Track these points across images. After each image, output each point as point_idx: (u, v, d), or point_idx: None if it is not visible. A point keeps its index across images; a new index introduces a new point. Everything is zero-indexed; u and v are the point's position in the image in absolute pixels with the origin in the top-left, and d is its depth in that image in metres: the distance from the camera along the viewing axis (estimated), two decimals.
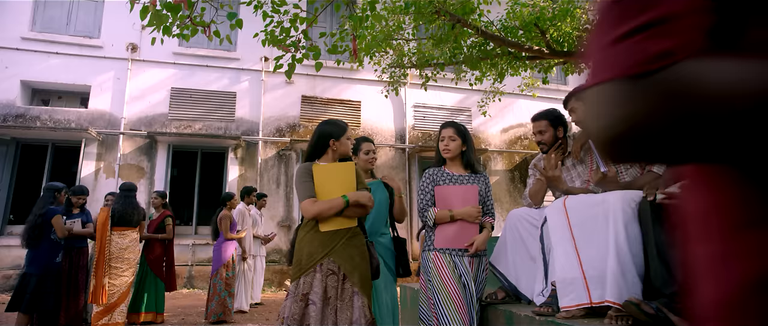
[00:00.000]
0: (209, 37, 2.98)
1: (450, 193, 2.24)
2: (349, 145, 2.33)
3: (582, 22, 6.44)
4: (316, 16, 3.46)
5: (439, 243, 2.19)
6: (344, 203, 2.07)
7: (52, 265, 4.03)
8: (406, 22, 6.15)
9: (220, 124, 8.74)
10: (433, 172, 2.31)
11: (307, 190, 2.11)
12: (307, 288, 2.03)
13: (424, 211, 2.24)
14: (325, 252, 2.07)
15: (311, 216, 2.08)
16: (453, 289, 2.07)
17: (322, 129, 2.29)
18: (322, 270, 2.05)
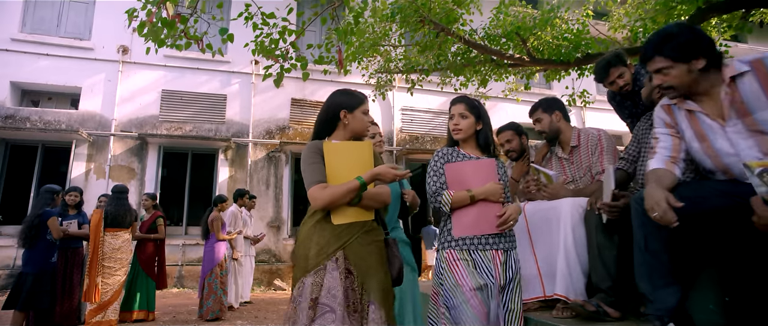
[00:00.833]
0: (202, 49, 3.15)
1: (464, 170, 1.87)
2: (366, 123, 1.87)
3: (561, 31, 6.71)
4: (304, 28, 3.66)
5: (458, 231, 1.79)
6: (360, 185, 1.64)
7: (48, 265, 4.17)
8: (393, 29, 6.37)
9: (210, 125, 8.86)
10: (445, 151, 1.94)
11: (316, 173, 1.69)
12: (316, 291, 1.59)
13: (437, 195, 1.85)
14: (339, 244, 1.65)
15: (321, 205, 1.65)
16: (470, 293, 1.68)
17: (332, 99, 1.85)
18: (339, 268, 1.63)
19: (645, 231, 1.50)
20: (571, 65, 6.38)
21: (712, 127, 1.50)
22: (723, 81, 1.47)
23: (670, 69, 1.49)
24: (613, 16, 7.82)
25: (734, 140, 1.45)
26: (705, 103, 1.52)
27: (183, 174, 8.84)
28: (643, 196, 1.46)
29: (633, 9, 7.63)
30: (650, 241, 1.48)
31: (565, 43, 6.57)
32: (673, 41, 1.48)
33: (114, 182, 8.07)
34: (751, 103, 1.42)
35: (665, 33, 1.52)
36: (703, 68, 1.46)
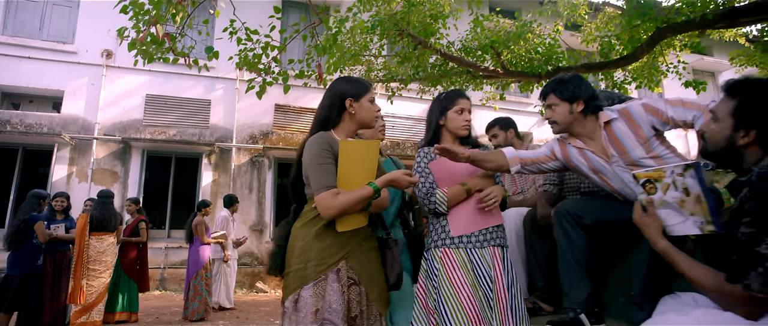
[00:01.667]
0: (188, 65, 3.35)
1: (450, 165, 1.80)
2: (373, 112, 1.70)
3: (534, 45, 7.07)
4: (285, 45, 3.89)
5: (457, 231, 1.72)
6: (373, 192, 1.51)
7: (34, 268, 4.29)
8: (373, 40, 6.64)
9: (194, 130, 8.98)
10: (427, 151, 1.87)
11: (327, 176, 1.52)
12: (318, 303, 1.47)
13: (430, 196, 1.76)
14: (343, 253, 1.54)
15: (333, 214, 1.50)
16: (466, 297, 1.61)
17: (336, 87, 1.70)
18: (341, 279, 1.51)
19: (564, 236, 1.79)
20: (542, 77, 6.73)
21: (599, 162, 1.82)
22: (600, 126, 1.81)
23: (557, 106, 1.84)
24: (585, 30, 8.23)
25: (619, 173, 1.78)
26: (590, 143, 1.85)
27: (166, 177, 8.93)
28: (565, 207, 1.75)
29: (603, 24, 8.06)
30: (568, 245, 1.78)
31: (537, 57, 6.93)
32: (564, 85, 1.83)
33: (96, 185, 8.14)
34: (624, 142, 1.76)
35: (560, 78, 1.87)
36: (582, 111, 1.81)
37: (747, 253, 1.01)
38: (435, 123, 1.89)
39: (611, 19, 7.67)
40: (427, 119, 1.95)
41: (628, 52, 6.24)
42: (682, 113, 1.69)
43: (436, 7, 6.29)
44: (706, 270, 1.14)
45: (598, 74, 7.43)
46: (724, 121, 1.21)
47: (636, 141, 1.74)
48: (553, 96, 1.85)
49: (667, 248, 1.24)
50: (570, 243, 1.77)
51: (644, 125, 1.75)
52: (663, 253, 1.25)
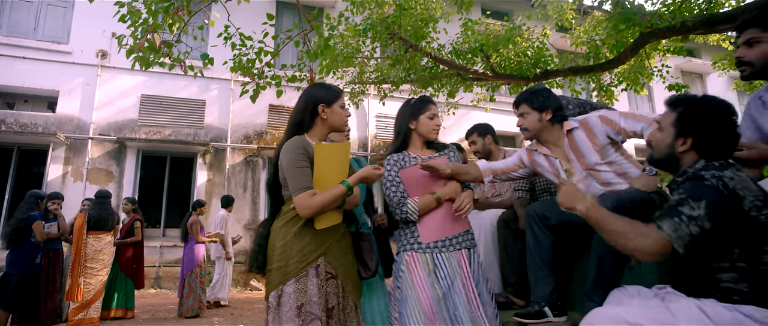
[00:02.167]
0: (184, 71, 3.48)
1: (418, 175, 1.84)
2: (344, 117, 1.82)
3: (523, 48, 7.24)
4: (278, 50, 4.01)
5: (427, 237, 1.78)
6: (346, 190, 1.62)
7: (32, 266, 4.40)
8: (365, 43, 6.77)
9: (189, 130, 9.07)
10: (396, 158, 1.89)
11: (304, 178, 1.62)
12: (301, 298, 1.57)
13: (402, 206, 1.79)
14: (321, 250, 1.65)
15: (311, 213, 1.60)
16: (425, 296, 1.68)
17: (309, 92, 1.80)
18: (319, 274, 1.62)
19: (532, 237, 1.96)
20: (531, 80, 6.90)
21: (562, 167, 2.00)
22: (564, 134, 2.00)
23: (529, 115, 2.03)
24: (575, 33, 8.41)
25: (583, 178, 1.95)
26: (554, 150, 2.04)
27: (161, 177, 9.01)
28: (534, 208, 1.92)
29: (591, 27, 8.24)
30: (534, 244, 1.94)
31: (526, 60, 7.09)
32: (535, 96, 2.03)
33: (91, 185, 8.22)
34: (582, 149, 1.96)
35: (532, 90, 2.07)
36: (550, 120, 2.01)
37: (671, 209, 1.22)
38: (405, 128, 1.93)
39: (599, 23, 7.85)
40: (397, 125, 1.98)
41: (614, 56, 6.42)
42: (633, 124, 1.88)
43: (427, 11, 6.43)
44: (626, 221, 1.28)
45: (585, 77, 7.60)
46: (667, 130, 1.39)
47: (592, 148, 1.94)
48: (525, 105, 2.04)
49: (590, 207, 1.35)
50: (537, 243, 1.94)
51: (600, 134, 1.94)
52: (586, 215, 1.35)
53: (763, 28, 1.55)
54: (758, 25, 1.56)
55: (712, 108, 1.35)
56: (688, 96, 1.41)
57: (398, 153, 1.92)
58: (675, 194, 1.29)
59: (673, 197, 1.29)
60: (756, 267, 1.17)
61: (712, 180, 1.21)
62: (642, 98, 13.56)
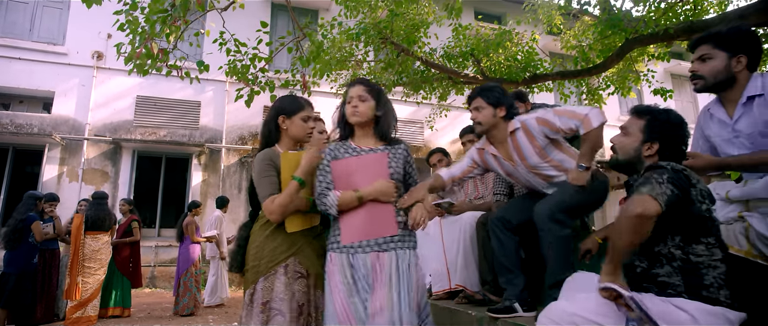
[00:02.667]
0: (181, 76, 3.59)
1: (352, 166, 1.72)
2: (305, 129, 1.86)
3: (513, 53, 7.40)
4: (272, 56, 4.14)
5: (347, 238, 1.67)
6: (298, 184, 1.68)
7: (30, 266, 4.51)
8: (359, 47, 6.90)
9: (184, 131, 9.16)
10: (333, 147, 1.80)
11: (269, 187, 1.72)
12: (267, 295, 1.67)
13: (323, 197, 1.70)
14: (291, 251, 1.74)
15: (277, 218, 1.71)
16: (339, 298, 1.60)
17: (275, 105, 1.88)
18: (288, 273, 1.71)
19: (497, 241, 2.12)
20: (520, 84, 7.06)
21: (509, 167, 2.14)
22: (507, 134, 2.10)
23: (483, 109, 2.10)
24: (564, 37, 8.59)
25: (525, 175, 2.12)
26: (501, 149, 2.15)
27: (157, 177, 9.10)
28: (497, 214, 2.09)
29: (580, 32, 8.42)
30: (499, 248, 2.10)
31: (516, 64, 7.26)
32: (491, 91, 2.11)
33: (87, 185, 8.30)
34: (524, 151, 2.08)
35: (487, 86, 2.15)
36: (503, 117, 2.10)
37: (642, 182, 1.34)
38: (340, 114, 1.82)
39: (588, 28, 8.03)
40: (337, 118, 1.85)
41: (601, 61, 6.60)
42: (567, 122, 1.99)
43: (419, 16, 6.58)
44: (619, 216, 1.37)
45: (574, 81, 7.77)
46: (634, 135, 1.53)
47: (532, 150, 2.05)
48: (481, 99, 2.10)
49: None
50: (502, 247, 2.09)
51: (538, 136, 2.05)
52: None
53: (714, 45, 1.69)
54: (710, 42, 1.71)
55: (674, 119, 1.51)
56: (652, 107, 1.56)
57: (340, 141, 1.82)
58: (637, 184, 1.40)
59: (635, 185, 1.40)
60: (689, 260, 1.32)
61: (669, 166, 1.37)
62: (633, 101, 13.79)
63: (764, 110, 1.56)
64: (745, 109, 1.62)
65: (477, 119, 2.11)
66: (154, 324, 4.94)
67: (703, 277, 1.30)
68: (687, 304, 1.26)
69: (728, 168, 1.67)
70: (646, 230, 1.27)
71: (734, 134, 1.65)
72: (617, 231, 1.31)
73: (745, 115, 1.62)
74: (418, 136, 10.89)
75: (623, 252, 1.31)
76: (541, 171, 2.08)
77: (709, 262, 1.31)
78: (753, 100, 1.60)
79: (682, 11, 6.89)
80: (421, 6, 7.06)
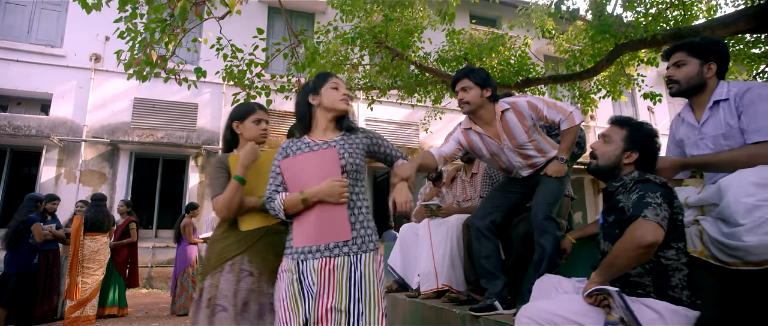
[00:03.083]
0: (179, 82, 3.69)
1: (298, 166, 1.61)
2: (258, 131, 1.95)
3: (506, 57, 7.52)
4: (268, 62, 4.25)
5: (299, 241, 1.58)
6: (238, 182, 1.74)
7: (30, 266, 4.60)
8: (354, 51, 7.02)
9: (181, 133, 9.24)
10: (287, 144, 1.71)
11: (216, 187, 1.81)
12: (212, 292, 1.72)
13: (270, 201, 1.61)
14: (241, 250, 1.78)
15: (223, 215, 1.78)
16: (281, 312, 1.52)
17: (230, 114, 2.01)
18: (234, 270, 1.75)
19: (477, 244, 2.23)
20: (512, 87, 7.19)
21: (495, 145, 2.26)
22: (496, 114, 2.21)
23: (471, 89, 2.20)
24: (557, 41, 8.72)
25: (509, 155, 2.25)
26: (487, 128, 2.26)
27: (154, 179, 9.17)
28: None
29: (573, 36, 8.55)
30: (479, 251, 2.22)
31: (508, 68, 7.38)
32: (477, 73, 2.23)
33: (85, 187, 8.37)
34: (513, 130, 2.21)
35: (471, 68, 2.26)
36: (489, 97, 2.21)
37: (640, 204, 1.41)
38: (303, 107, 1.71)
39: (581, 32, 8.17)
40: (298, 110, 1.74)
41: (591, 66, 6.74)
42: (553, 114, 2.14)
43: (413, 21, 6.69)
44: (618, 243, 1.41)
45: (566, 84, 7.91)
46: (616, 144, 1.65)
47: (522, 129, 2.20)
48: (467, 80, 2.20)
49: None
50: (484, 248, 2.21)
51: (527, 117, 2.20)
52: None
53: (688, 53, 1.82)
54: (685, 50, 1.84)
55: (651, 131, 1.65)
56: (632, 119, 1.69)
57: (297, 138, 1.72)
58: (626, 196, 1.51)
59: (626, 198, 1.50)
60: (659, 263, 1.43)
61: (658, 181, 1.47)
62: (626, 104, 13.96)
63: (728, 114, 1.69)
64: (711, 113, 1.75)
65: (465, 99, 2.20)
66: (151, 323, 5.03)
67: (670, 279, 1.42)
68: (655, 304, 1.37)
69: (689, 167, 1.79)
70: (650, 255, 1.36)
71: (700, 136, 1.78)
72: (623, 254, 1.36)
73: (711, 119, 1.75)
74: (413, 138, 11.01)
75: (621, 272, 1.40)
76: (525, 150, 2.22)
77: (676, 265, 1.43)
78: (719, 104, 1.73)
79: (672, 17, 7.03)
80: (416, 10, 7.18)
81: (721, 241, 1.42)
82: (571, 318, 1.35)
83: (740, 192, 1.36)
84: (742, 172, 1.43)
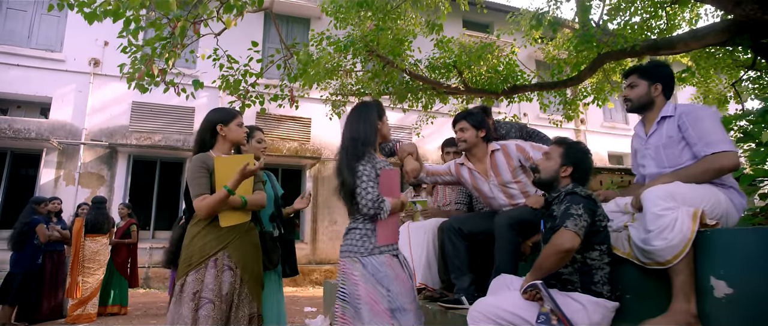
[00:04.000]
0: (177, 93, 3.92)
1: (393, 179, 1.93)
2: (241, 133, 2.14)
3: (494, 65, 7.77)
4: (262, 73, 4.48)
5: (384, 240, 1.83)
6: (227, 192, 1.90)
7: (34, 266, 4.82)
8: (347, 58, 7.25)
9: (178, 136, 9.44)
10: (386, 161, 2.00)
11: (199, 187, 1.93)
12: (198, 286, 1.87)
13: (381, 202, 1.81)
14: (221, 246, 1.94)
15: (204, 215, 1.93)
16: (407, 297, 1.81)
17: (208, 117, 2.14)
18: (217, 266, 1.91)
19: (450, 244, 2.48)
20: (500, 94, 7.45)
21: (482, 180, 2.53)
22: (487, 153, 2.51)
23: (468, 130, 2.53)
24: (545, 49, 8.98)
25: (492, 190, 2.50)
26: (477, 165, 2.56)
27: (151, 181, 9.36)
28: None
29: (560, 44, 8.82)
30: (452, 250, 2.46)
31: (496, 75, 7.64)
32: (474, 116, 2.54)
33: (83, 189, 8.56)
34: (499, 168, 2.49)
35: (470, 111, 2.58)
36: (483, 137, 2.52)
37: (564, 215, 1.67)
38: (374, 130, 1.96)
39: (567, 41, 8.43)
40: (365, 131, 1.93)
41: (575, 74, 7.00)
42: (538, 154, 2.40)
43: (402, 32, 6.94)
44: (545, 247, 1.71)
45: (552, 91, 8.17)
46: (554, 160, 1.91)
47: (507, 168, 2.48)
48: (465, 122, 2.56)
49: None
50: (454, 249, 2.45)
51: (514, 159, 2.48)
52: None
53: (639, 76, 2.10)
54: (636, 73, 2.12)
55: (584, 149, 1.93)
56: (568, 139, 1.96)
57: (390, 156, 2.23)
58: (558, 206, 1.78)
59: (558, 207, 1.78)
60: (585, 262, 1.69)
61: (583, 193, 1.74)
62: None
63: (670, 128, 1.96)
64: (657, 127, 2.01)
65: (462, 138, 2.55)
66: (150, 320, 5.24)
67: (593, 276, 1.67)
68: (580, 297, 1.62)
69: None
70: (569, 258, 1.65)
71: (647, 147, 2.05)
72: (547, 258, 1.64)
73: (656, 132, 2.01)
74: (405, 141, 11.25)
75: (548, 272, 1.68)
76: (509, 188, 2.47)
77: (599, 265, 1.68)
78: (665, 120, 1.99)
79: (656, 25, 7.32)
80: (408, 19, 7.43)
81: (638, 245, 1.67)
82: (512, 311, 1.61)
83: (650, 204, 1.62)
84: (654, 187, 1.68)
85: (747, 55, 6.49)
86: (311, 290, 8.70)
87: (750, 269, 1.45)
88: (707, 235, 1.58)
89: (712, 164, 1.76)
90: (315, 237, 10.00)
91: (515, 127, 3.23)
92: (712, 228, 1.60)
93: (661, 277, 1.64)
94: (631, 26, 6.69)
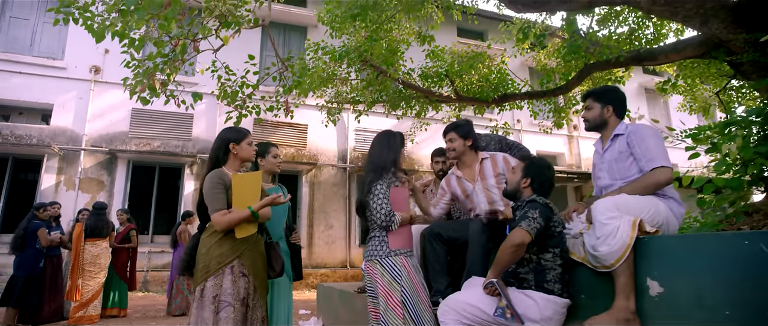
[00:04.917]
0: (177, 104, 4.12)
1: (402, 196, 2.36)
2: (251, 151, 2.34)
3: (485, 74, 7.99)
4: (259, 84, 4.68)
5: (396, 245, 2.25)
6: (250, 215, 2.09)
7: (36, 269, 4.99)
8: (342, 67, 7.47)
9: (177, 142, 9.63)
10: (394, 180, 2.39)
11: (218, 202, 2.10)
12: (217, 290, 2.04)
13: (392, 216, 2.24)
14: (236, 254, 2.11)
15: (223, 228, 2.09)
16: (423, 292, 2.21)
17: (221, 135, 2.31)
18: (234, 273, 2.09)
19: (430, 248, 2.67)
20: (491, 103, 7.66)
21: (470, 186, 2.74)
22: (477, 160, 2.74)
23: (456, 140, 2.77)
24: (536, 57, 9.21)
25: (478, 193, 2.71)
26: (466, 172, 2.78)
27: (150, 186, 9.53)
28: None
29: (551, 52, 9.05)
30: (432, 254, 2.65)
31: (487, 84, 7.85)
32: (462, 127, 2.77)
33: (83, 194, 8.73)
34: (486, 173, 2.71)
35: (458, 122, 2.81)
36: (470, 146, 2.76)
37: (523, 217, 1.89)
38: (397, 155, 2.40)
39: (554, 52, 8.66)
40: (388, 157, 2.37)
41: (563, 83, 7.23)
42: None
43: (395, 42, 7.17)
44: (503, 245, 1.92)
45: (542, 100, 8.38)
46: (518, 173, 2.13)
47: (492, 174, 2.71)
48: (454, 133, 2.81)
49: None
50: (434, 253, 2.64)
51: (500, 168, 2.71)
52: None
53: (594, 99, 2.33)
54: (592, 96, 2.35)
55: (543, 163, 2.16)
56: (531, 155, 2.18)
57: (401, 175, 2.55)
58: (519, 211, 2.01)
59: (519, 213, 2.00)
60: (540, 263, 1.89)
61: (541, 201, 1.95)
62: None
63: (621, 144, 2.21)
64: (611, 144, 2.26)
65: (451, 147, 2.81)
66: (149, 322, 5.41)
67: (546, 275, 1.87)
68: (533, 294, 1.82)
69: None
70: (521, 253, 1.87)
71: (602, 161, 2.31)
72: (503, 252, 1.87)
73: (610, 148, 2.26)
74: None
75: (505, 267, 1.90)
76: (491, 191, 2.68)
77: (552, 265, 1.88)
78: (617, 138, 2.23)
79: (644, 35, 7.55)
80: (402, 28, 7.66)
81: (589, 250, 1.87)
82: (475, 304, 1.81)
83: (597, 214, 1.83)
84: (602, 199, 1.89)
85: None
86: (306, 293, 8.86)
87: (678, 271, 1.64)
88: (645, 241, 1.79)
89: (651, 179, 2.00)
90: (311, 242, 10.17)
91: (495, 139, 3.43)
92: (651, 235, 1.80)
93: (609, 279, 1.83)
94: (619, 36, 6.92)
